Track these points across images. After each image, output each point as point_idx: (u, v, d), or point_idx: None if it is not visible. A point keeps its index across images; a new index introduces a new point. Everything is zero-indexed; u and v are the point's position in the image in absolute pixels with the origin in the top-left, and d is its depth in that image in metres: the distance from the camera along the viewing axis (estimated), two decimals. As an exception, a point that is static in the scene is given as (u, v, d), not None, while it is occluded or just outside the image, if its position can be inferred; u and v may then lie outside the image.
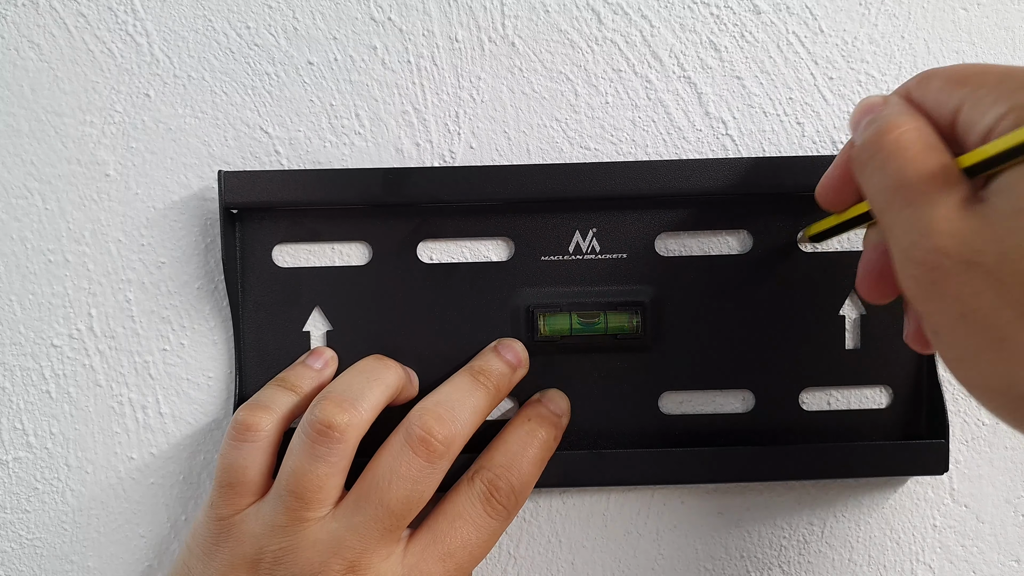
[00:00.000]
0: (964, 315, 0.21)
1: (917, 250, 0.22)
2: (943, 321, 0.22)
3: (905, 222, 0.22)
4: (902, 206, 0.22)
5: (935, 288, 0.21)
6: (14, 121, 0.34)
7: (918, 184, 0.22)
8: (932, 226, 0.21)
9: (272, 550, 0.29)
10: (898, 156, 0.23)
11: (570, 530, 0.36)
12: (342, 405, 0.30)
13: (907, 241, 0.22)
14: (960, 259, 0.21)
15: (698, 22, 0.35)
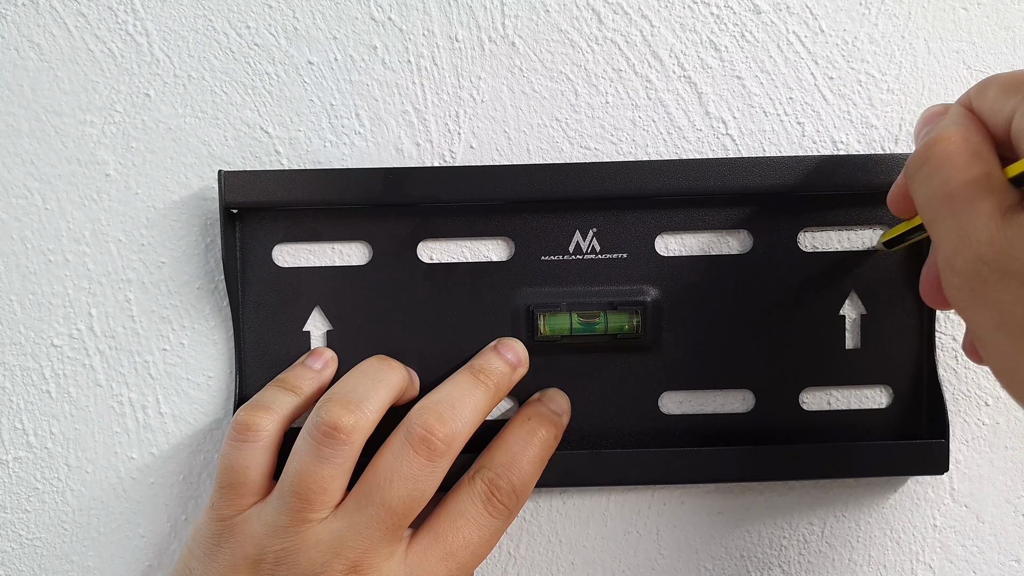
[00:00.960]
0: (1003, 323, 0.21)
1: (957, 258, 0.22)
2: (985, 330, 0.22)
3: (948, 231, 0.22)
4: (947, 215, 0.23)
5: (975, 296, 0.22)
6: (14, 121, 0.34)
7: (961, 192, 0.22)
8: (972, 234, 0.22)
9: (274, 550, 0.29)
10: (944, 166, 0.23)
11: (570, 530, 0.36)
12: (347, 407, 0.30)
13: (949, 249, 0.22)
14: (998, 267, 0.21)
15: (698, 22, 0.35)
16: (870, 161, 0.33)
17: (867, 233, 0.35)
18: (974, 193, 0.22)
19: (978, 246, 0.21)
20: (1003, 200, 0.22)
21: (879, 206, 0.34)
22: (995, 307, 0.21)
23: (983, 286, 0.21)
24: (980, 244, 0.21)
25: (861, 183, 0.33)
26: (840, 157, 0.33)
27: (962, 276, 0.22)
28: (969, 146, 0.23)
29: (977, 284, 0.22)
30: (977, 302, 0.22)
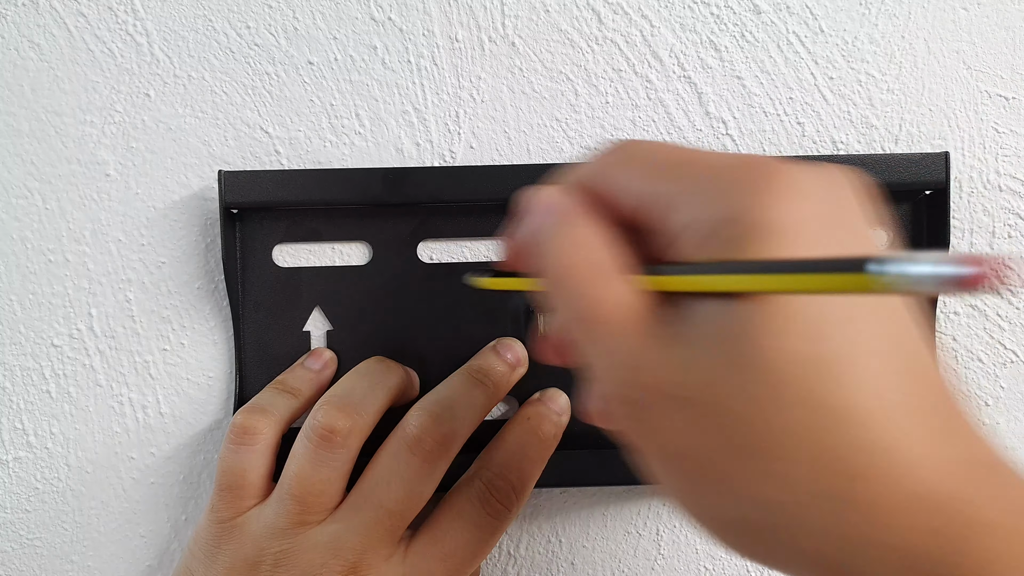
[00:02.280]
0: (674, 451, 0.19)
1: (618, 387, 0.20)
2: (656, 456, 0.20)
3: (602, 358, 0.20)
4: (596, 342, 0.20)
5: (642, 424, 0.20)
6: (14, 121, 0.34)
7: (609, 319, 0.20)
8: (628, 363, 0.19)
9: (273, 552, 0.29)
10: (581, 293, 0.20)
11: (570, 530, 0.36)
12: (345, 410, 0.30)
13: (607, 378, 0.20)
14: (660, 394, 0.19)
15: (698, 22, 0.35)
16: (870, 161, 0.33)
17: (867, 233, 0.35)
18: (621, 317, 0.20)
19: (624, 370, 0.19)
20: (653, 319, 0.20)
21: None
22: (663, 434, 0.19)
23: (651, 416, 0.19)
24: (638, 372, 0.19)
25: (861, 183, 0.33)
26: (840, 157, 0.33)
27: (627, 405, 0.20)
28: (603, 261, 0.20)
29: (642, 413, 0.19)
30: (643, 430, 0.20)
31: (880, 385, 0.18)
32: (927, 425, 0.18)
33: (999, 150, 0.35)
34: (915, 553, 0.18)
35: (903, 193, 0.34)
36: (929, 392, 0.19)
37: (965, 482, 0.18)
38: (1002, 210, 0.35)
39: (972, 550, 0.18)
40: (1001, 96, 0.35)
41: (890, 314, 0.19)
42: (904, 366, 0.18)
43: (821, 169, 0.20)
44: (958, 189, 0.35)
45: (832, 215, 0.19)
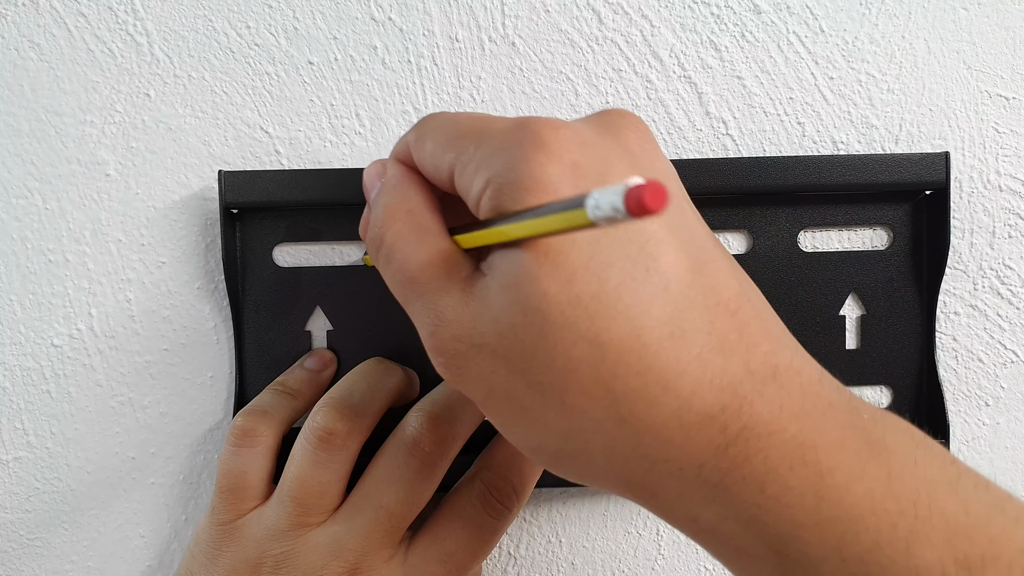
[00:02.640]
0: (490, 392, 0.22)
1: (435, 340, 0.22)
2: (478, 399, 0.22)
3: (419, 314, 0.22)
4: (414, 299, 0.23)
5: (461, 372, 0.22)
6: (14, 121, 0.34)
7: (420, 276, 0.22)
8: (442, 316, 0.22)
9: (273, 554, 0.29)
10: (398, 251, 0.23)
11: (570, 530, 0.36)
12: (344, 412, 0.30)
13: (426, 332, 0.22)
14: (471, 344, 0.21)
15: (698, 22, 0.35)
16: (870, 161, 0.33)
17: (867, 233, 0.35)
18: (431, 274, 0.22)
19: (448, 327, 0.21)
20: (460, 273, 0.22)
21: (880, 206, 0.34)
22: (479, 379, 0.21)
23: (464, 363, 0.22)
24: (450, 325, 0.21)
25: (862, 183, 0.33)
26: (840, 157, 0.33)
27: (442, 355, 0.22)
28: (415, 223, 0.23)
29: (459, 361, 0.22)
30: (464, 377, 0.22)
31: (649, 315, 0.20)
32: (699, 344, 0.20)
33: (999, 150, 0.35)
34: (696, 465, 0.20)
35: (903, 193, 0.34)
36: (704, 313, 0.20)
37: (738, 393, 0.20)
38: (1002, 210, 0.35)
39: (750, 457, 0.20)
40: (1001, 96, 0.35)
41: (661, 249, 0.20)
42: (677, 295, 0.20)
43: (589, 122, 0.23)
44: (958, 189, 0.35)
45: (590, 164, 0.21)
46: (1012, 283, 0.35)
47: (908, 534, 0.18)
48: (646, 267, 0.20)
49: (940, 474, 0.20)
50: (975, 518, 0.19)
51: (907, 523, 0.19)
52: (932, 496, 0.19)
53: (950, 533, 0.18)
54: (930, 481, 0.19)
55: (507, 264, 0.21)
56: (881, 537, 0.18)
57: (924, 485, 0.19)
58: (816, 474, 0.19)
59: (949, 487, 0.19)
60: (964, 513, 0.19)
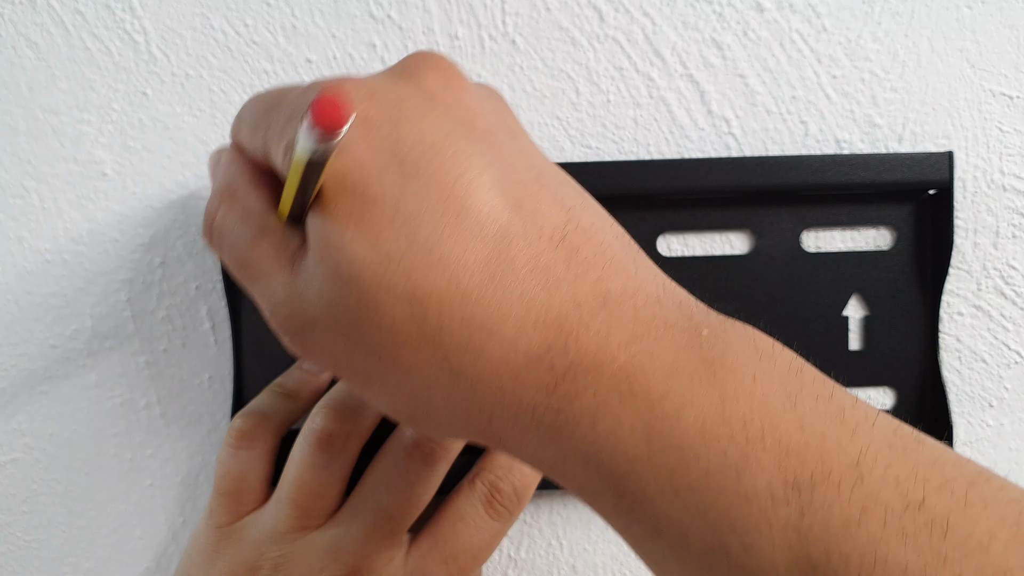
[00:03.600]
0: (337, 365, 0.21)
1: (274, 321, 0.21)
2: (330, 371, 0.22)
3: (257, 296, 0.22)
4: (250, 281, 0.22)
5: (306, 349, 0.21)
6: (11, 120, 0.34)
7: (249, 258, 0.22)
8: (275, 296, 0.21)
9: (272, 557, 0.29)
10: (228, 233, 0.23)
11: (571, 533, 0.35)
12: (343, 414, 0.30)
13: (266, 314, 0.22)
14: (305, 321, 0.21)
15: (701, 20, 0.34)
16: (874, 160, 0.33)
17: (871, 233, 0.34)
18: (258, 255, 0.22)
19: (281, 308, 0.21)
20: (285, 250, 0.21)
21: (883, 205, 0.34)
22: (323, 354, 0.21)
23: (305, 341, 0.21)
24: (281, 306, 0.21)
25: (865, 182, 0.33)
26: (843, 156, 0.33)
27: (285, 335, 0.21)
28: (240, 206, 0.23)
29: (299, 339, 0.21)
30: (309, 354, 0.21)
31: (464, 261, 0.19)
32: (520, 283, 0.19)
33: (1003, 149, 0.35)
34: (530, 407, 0.19)
35: (907, 193, 0.34)
36: (525, 249, 0.19)
37: (564, 329, 0.19)
38: (1006, 209, 0.35)
39: (579, 393, 0.19)
40: (1005, 95, 0.35)
41: (471, 189, 0.20)
42: (493, 235, 0.19)
43: (385, 72, 0.22)
44: (962, 188, 0.35)
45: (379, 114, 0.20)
46: (1016, 283, 0.35)
47: (739, 459, 0.18)
48: (456, 212, 0.19)
49: (779, 389, 0.19)
50: (809, 434, 0.18)
51: (738, 448, 0.18)
52: (767, 415, 0.18)
53: (781, 454, 0.18)
54: (766, 398, 0.18)
55: (317, 234, 0.20)
56: (711, 465, 0.18)
57: (759, 404, 0.18)
58: (646, 404, 0.18)
59: (787, 402, 0.18)
60: (799, 430, 0.18)
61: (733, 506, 0.17)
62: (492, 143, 0.21)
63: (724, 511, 0.18)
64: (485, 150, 0.20)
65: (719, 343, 0.19)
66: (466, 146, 0.20)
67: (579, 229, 0.20)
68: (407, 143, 0.20)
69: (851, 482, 0.17)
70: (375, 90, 0.21)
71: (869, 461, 0.18)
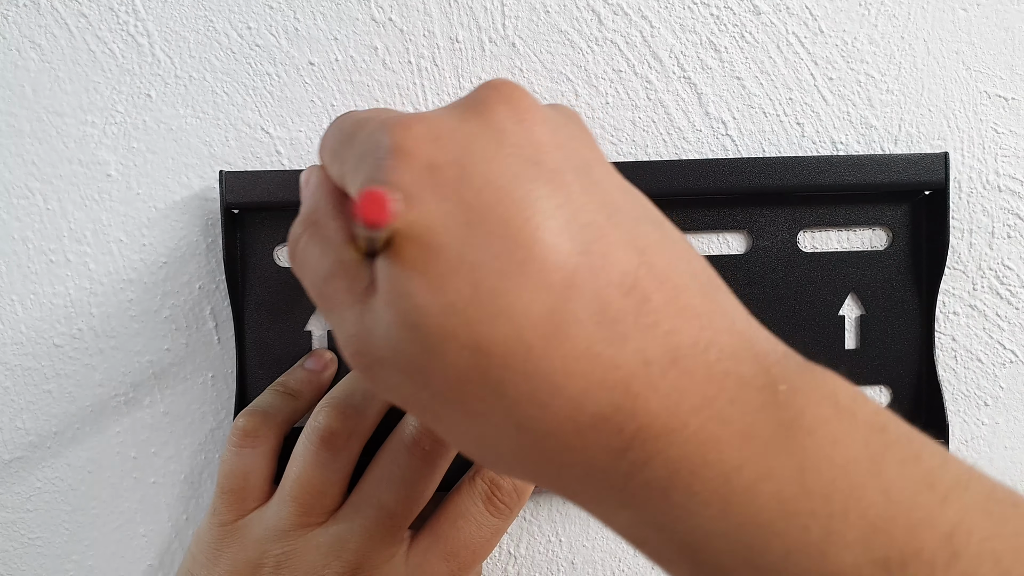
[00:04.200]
0: (405, 402, 0.21)
1: (346, 353, 0.21)
2: (401, 405, 0.21)
3: (332, 326, 0.22)
4: (326, 312, 0.22)
5: (376, 383, 0.21)
6: (16, 121, 0.34)
7: (324, 290, 0.21)
8: (347, 331, 0.21)
9: (274, 555, 0.29)
10: (305, 267, 0.22)
11: (570, 529, 0.36)
12: (345, 412, 0.30)
13: (339, 344, 0.21)
14: (373, 358, 0.20)
15: (698, 23, 0.35)
16: (870, 161, 0.33)
17: (867, 233, 0.35)
18: (332, 288, 0.21)
19: (352, 340, 0.21)
20: (358, 286, 0.21)
21: (879, 206, 0.34)
22: (391, 390, 0.21)
23: (374, 374, 0.21)
24: (353, 339, 0.21)
25: (861, 183, 0.33)
26: (839, 157, 0.33)
27: (356, 367, 0.21)
28: (321, 234, 0.22)
29: (368, 373, 0.21)
30: (378, 386, 0.21)
31: (528, 313, 0.18)
32: (586, 338, 0.18)
33: (998, 150, 0.35)
34: (600, 470, 0.19)
35: (903, 193, 0.34)
36: (592, 301, 0.18)
37: (631, 390, 0.18)
38: (1001, 210, 0.35)
39: (649, 461, 0.18)
40: (1000, 96, 0.35)
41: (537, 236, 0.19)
42: (558, 285, 0.18)
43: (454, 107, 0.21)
44: (957, 189, 0.35)
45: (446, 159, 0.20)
46: (1011, 283, 0.35)
47: (822, 537, 0.17)
48: (521, 260, 0.18)
49: (863, 452, 0.17)
50: (897, 504, 0.17)
51: (820, 524, 0.17)
52: (850, 485, 0.17)
53: (868, 529, 0.16)
54: (848, 464, 0.17)
55: (385, 279, 0.20)
56: (792, 543, 0.17)
57: (841, 472, 0.17)
58: (721, 475, 0.17)
59: (871, 467, 0.17)
60: (885, 500, 0.17)
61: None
62: (562, 183, 0.20)
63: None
64: (554, 192, 0.19)
65: (797, 400, 0.18)
66: (534, 188, 0.19)
67: (652, 273, 0.19)
68: (473, 188, 0.19)
69: (945, 560, 0.16)
70: (441, 133, 0.20)
71: (964, 534, 0.16)
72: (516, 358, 0.18)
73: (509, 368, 0.18)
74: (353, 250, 0.21)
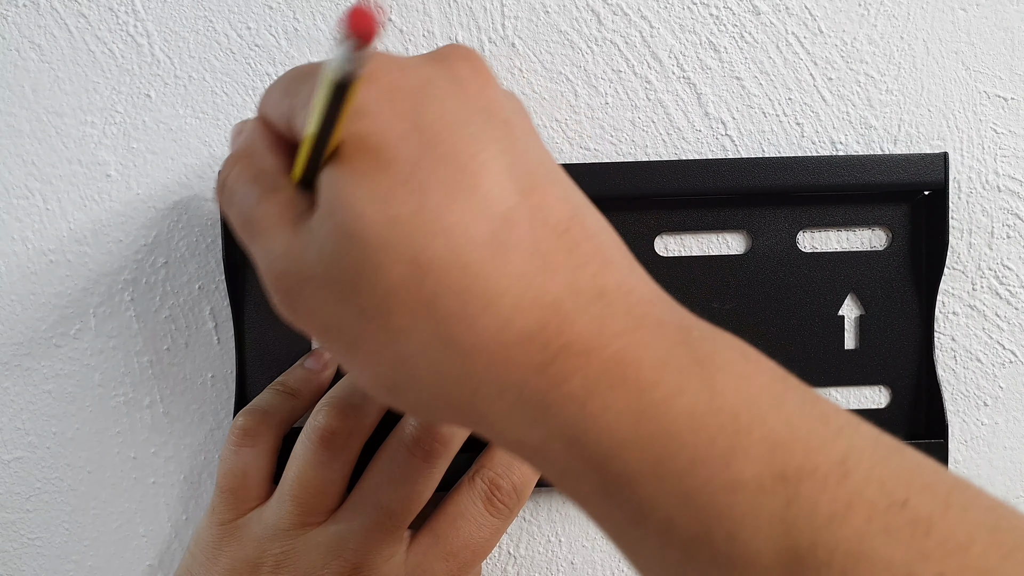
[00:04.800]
0: (324, 327, 0.21)
1: (268, 277, 0.22)
2: (316, 335, 0.22)
3: (256, 253, 0.22)
4: (251, 239, 0.23)
5: (295, 309, 0.22)
6: (15, 121, 0.34)
7: (254, 215, 0.22)
8: (273, 253, 0.21)
9: (274, 554, 0.29)
10: (235, 196, 0.23)
11: (570, 529, 0.36)
12: (345, 411, 0.30)
13: (261, 270, 0.22)
14: (299, 277, 0.21)
15: (697, 23, 0.35)
16: (869, 161, 0.33)
17: (866, 233, 0.35)
18: (263, 212, 0.22)
19: (279, 261, 0.21)
20: (293, 209, 0.22)
21: (879, 206, 0.34)
22: (313, 314, 0.21)
23: (295, 299, 0.21)
24: (278, 260, 0.21)
25: (860, 183, 0.33)
26: (839, 158, 0.33)
27: (277, 293, 0.22)
28: (253, 166, 0.23)
29: (289, 298, 0.21)
30: (298, 314, 0.22)
31: (469, 234, 0.19)
32: (522, 263, 0.20)
33: (998, 150, 0.35)
34: (518, 384, 0.20)
35: (902, 194, 0.34)
36: (529, 233, 0.20)
37: (559, 311, 0.20)
38: (1001, 210, 0.35)
39: (569, 375, 0.19)
40: (1000, 96, 0.35)
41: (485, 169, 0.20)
42: (499, 214, 0.20)
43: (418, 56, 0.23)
44: (957, 189, 0.35)
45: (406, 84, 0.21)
46: (1010, 283, 0.35)
47: (727, 449, 0.18)
48: (467, 187, 0.20)
49: (767, 389, 0.19)
50: (797, 431, 0.18)
51: (727, 438, 0.18)
52: (755, 411, 0.19)
53: (770, 447, 0.18)
54: (754, 396, 0.19)
55: (327, 191, 0.20)
56: (699, 453, 0.18)
57: (747, 400, 0.19)
58: (636, 391, 0.19)
59: (774, 401, 0.19)
60: (786, 427, 0.18)
61: (720, 494, 0.18)
62: (509, 133, 0.21)
63: (710, 498, 0.18)
64: (502, 138, 0.21)
65: (708, 343, 0.20)
66: (485, 130, 0.21)
67: (582, 226, 0.21)
68: (429, 116, 0.20)
69: (837, 478, 0.18)
70: (406, 65, 0.21)
71: (854, 460, 0.18)
72: (451, 275, 0.19)
73: (443, 283, 0.19)
74: (288, 178, 0.22)
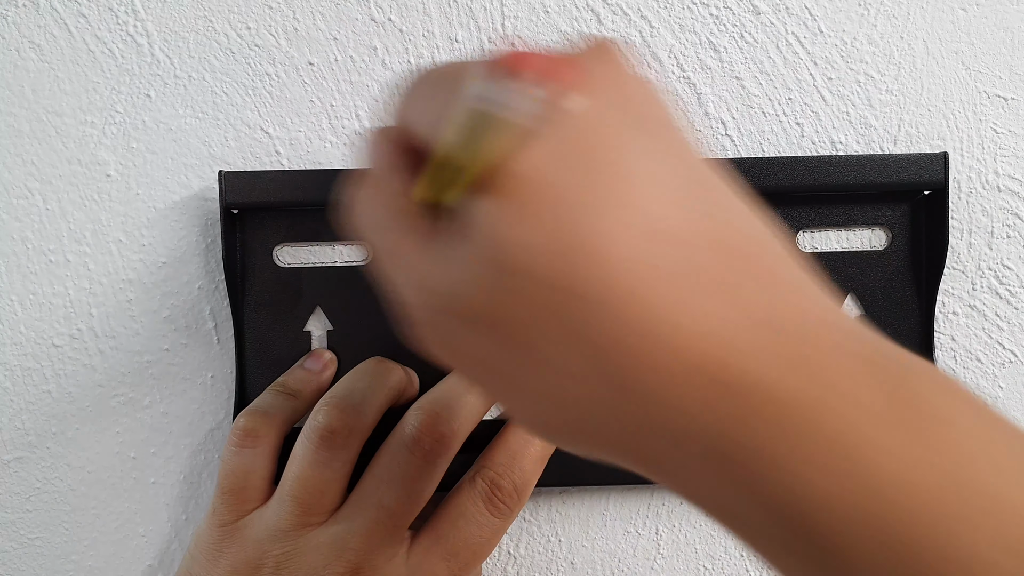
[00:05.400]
0: (483, 366, 0.19)
1: (418, 312, 0.20)
2: (471, 374, 0.20)
3: (399, 287, 0.20)
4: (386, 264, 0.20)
5: (447, 346, 0.20)
6: (15, 121, 0.34)
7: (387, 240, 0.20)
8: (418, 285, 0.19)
9: (275, 555, 0.29)
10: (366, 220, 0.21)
11: (570, 529, 0.36)
12: (345, 411, 0.30)
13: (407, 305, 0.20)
14: (451, 312, 0.19)
15: (697, 23, 0.35)
16: (869, 161, 0.33)
17: (866, 233, 0.35)
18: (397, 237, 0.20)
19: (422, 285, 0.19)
20: (426, 232, 0.19)
21: (879, 206, 0.34)
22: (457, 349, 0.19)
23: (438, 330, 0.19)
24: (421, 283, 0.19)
25: (860, 183, 0.33)
26: (839, 157, 0.33)
27: (420, 324, 0.20)
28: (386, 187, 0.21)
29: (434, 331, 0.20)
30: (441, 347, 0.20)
31: (630, 258, 0.17)
32: (690, 290, 0.17)
33: (998, 150, 0.35)
34: (699, 432, 0.17)
35: (902, 193, 0.34)
36: (697, 254, 0.18)
37: (742, 348, 0.17)
38: (1001, 210, 0.35)
39: (759, 423, 0.17)
40: (1000, 96, 0.35)
41: (644, 184, 0.18)
42: (663, 234, 0.17)
43: None
44: (957, 189, 0.35)
45: None
46: (1010, 283, 0.35)
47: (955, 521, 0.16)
48: (626, 205, 0.17)
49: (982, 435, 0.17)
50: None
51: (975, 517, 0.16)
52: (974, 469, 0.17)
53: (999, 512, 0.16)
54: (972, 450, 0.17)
55: (466, 216, 0.18)
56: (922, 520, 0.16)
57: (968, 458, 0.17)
58: (841, 447, 0.17)
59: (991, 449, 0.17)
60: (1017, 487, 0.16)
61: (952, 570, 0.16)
62: (668, 140, 0.19)
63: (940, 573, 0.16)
64: (659, 145, 0.19)
65: (936, 397, 0.18)
66: (646, 143, 0.18)
67: (758, 241, 0.19)
68: (597, 146, 0.18)
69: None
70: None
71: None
72: (611, 304, 0.17)
73: (601, 314, 0.17)
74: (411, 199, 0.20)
